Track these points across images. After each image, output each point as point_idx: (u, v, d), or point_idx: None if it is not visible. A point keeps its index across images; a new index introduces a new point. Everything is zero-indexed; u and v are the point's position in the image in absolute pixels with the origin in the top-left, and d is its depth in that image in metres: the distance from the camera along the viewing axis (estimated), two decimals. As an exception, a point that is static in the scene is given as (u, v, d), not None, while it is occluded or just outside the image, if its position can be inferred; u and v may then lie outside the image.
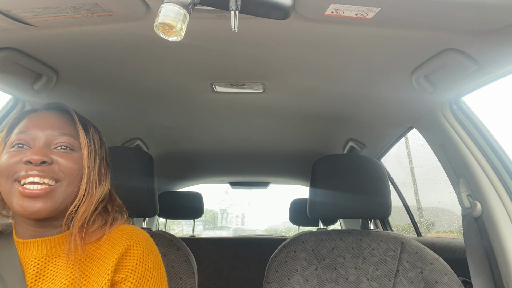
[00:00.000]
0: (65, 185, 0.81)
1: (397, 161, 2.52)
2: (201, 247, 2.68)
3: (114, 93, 1.38)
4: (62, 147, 0.83)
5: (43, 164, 0.78)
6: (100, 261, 0.83)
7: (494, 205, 1.22)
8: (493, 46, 0.93)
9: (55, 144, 0.83)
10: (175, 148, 2.22)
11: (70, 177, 0.81)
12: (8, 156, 0.80)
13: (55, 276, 0.80)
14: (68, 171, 0.81)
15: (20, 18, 0.84)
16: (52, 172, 0.79)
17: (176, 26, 0.65)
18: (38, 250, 0.82)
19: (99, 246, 0.85)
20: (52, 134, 0.83)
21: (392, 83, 1.26)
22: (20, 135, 0.82)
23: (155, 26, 0.66)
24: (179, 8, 0.65)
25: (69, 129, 0.86)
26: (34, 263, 0.81)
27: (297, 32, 0.94)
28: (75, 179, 0.83)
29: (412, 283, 1.25)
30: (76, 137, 0.86)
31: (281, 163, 2.60)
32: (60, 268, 0.81)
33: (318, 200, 1.39)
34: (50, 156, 0.80)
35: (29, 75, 1.14)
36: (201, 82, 1.30)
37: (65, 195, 0.81)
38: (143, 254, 0.85)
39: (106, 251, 0.84)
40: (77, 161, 0.84)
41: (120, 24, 0.90)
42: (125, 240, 0.85)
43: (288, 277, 1.24)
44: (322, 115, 1.66)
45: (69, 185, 0.81)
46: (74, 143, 0.85)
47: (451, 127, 1.32)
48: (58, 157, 0.81)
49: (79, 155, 0.85)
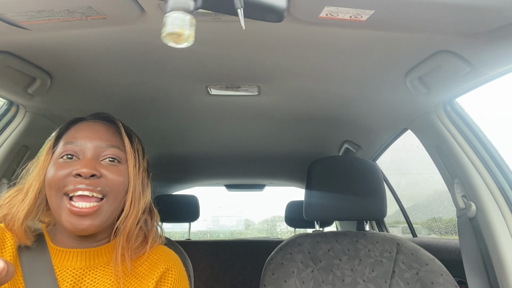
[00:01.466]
0: (112, 200, 0.80)
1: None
2: (197, 250, 2.67)
3: (108, 96, 1.37)
4: (110, 159, 0.82)
5: (92, 177, 0.77)
6: (138, 280, 0.83)
7: (488, 206, 1.23)
8: (486, 47, 0.93)
9: (103, 156, 0.82)
10: (170, 151, 2.22)
11: (116, 191, 0.81)
12: (56, 168, 0.79)
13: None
14: (114, 185, 0.80)
15: (14, 22, 0.84)
16: (100, 185, 0.78)
17: (184, 33, 0.64)
18: (78, 261, 0.81)
19: (138, 264, 0.85)
20: (101, 145, 0.82)
21: (386, 85, 1.26)
22: (68, 146, 0.81)
23: (162, 38, 0.65)
24: (184, 15, 0.65)
25: (116, 141, 0.85)
26: (72, 273, 0.79)
27: (292, 35, 0.95)
28: (121, 192, 0.82)
29: (408, 284, 1.26)
30: (122, 149, 0.85)
31: (276, 165, 2.60)
32: (98, 281, 0.80)
33: (314, 202, 1.39)
34: (99, 170, 0.79)
35: (23, 78, 1.13)
36: (196, 85, 1.30)
37: (111, 210, 0.80)
38: (177, 279, 0.87)
39: (144, 271, 0.84)
40: (123, 174, 0.83)
41: (115, 28, 0.90)
42: (163, 263, 0.86)
43: (285, 279, 1.24)
44: (317, 117, 1.66)
45: (115, 199, 0.81)
46: (120, 155, 0.84)
47: (445, 129, 1.33)
48: (106, 171, 0.80)
49: (125, 167, 0.84)
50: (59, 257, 0.81)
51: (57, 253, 0.81)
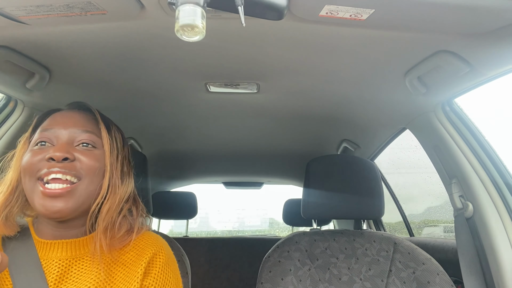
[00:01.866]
0: (87, 183, 0.80)
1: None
2: (195, 247, 2.68)
3: (107, 92, 1.37)
4: (84, 144, 0.83)
5: (65, 160, 0.78)
6: (126, 267, 0.83)
7: (485, 206, 1.23)
8: (486, 48, 0.94)
9: (77, 141, 0.83)
10: (169, 148, 2.22)
11: (91, 175, 0.81)
12: (31, 155, 0.79)
13: (79, 279, 0.79)
14: (89, 169, 0.80)
15: (13, 16, 0.83)
16: (74, 169, 0.79)
17: (198, 25, 0.64)
18: (63, 251, 0.81)
19: (125, 252, 0.85)
20: (75, 131, 0.83)
21: (385, 84, 1.26)
22: (43, 133, 0.82)
23: (176, 31, 0.66)
24: (196, 7, 0.65)
25: (91, 127, 0.86)
26: (58, 264, 0.80)
27: (292, 33, 0.95)
28: (97, 177, 0.82)
29: (404, 283, 1.26)
30: (98, 135, 0.86)
31: (275, 163, 2.61)
32: (85, 270, 0.80)
33: (311, 201, 1.40)
34: (73, 153, 0.80)
35: (21, 73, 1.13)
36: (195, 82, 1.30)
37: (86, 193, 0.80)
38: (165, 263, 0.87)
39: (133, 258, 0.84)
40: (99, 159, 0.83)
41: (114, 23, 0.90)
42: (150, 248, 0.86)
43: (282, 277, 1.24)
44: (316, 116, 1.66)
45: (91, 183, 0.81)
46: (96, 140, 0.85)
47: (443, 129, 1.33)
48: (80, 155, 0.81)
49: (101, 152, 0.85)
50: (44, 249, 0.81)
51: (42, 245, 0.81)
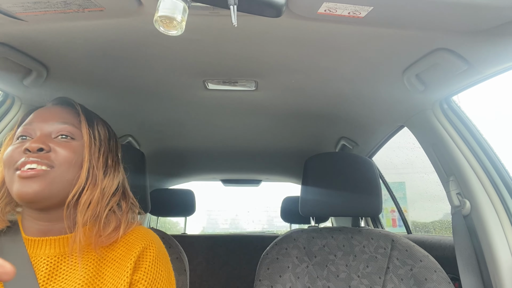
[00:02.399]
0: (62, 171, 0.80)
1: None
2: (193, 244, 2.68)
3: (105, 89, 1.37)
4: (62, 136, 0.84)
5: (41, 151, 0.79)
6: (116, 263, 0.83)
7: (483, 203, 1.24)
8: (484, 46, 0.94)
9: (56, 133, 0.84)
10: (167, 145, 2.21)
11: (67, 164, 0.81)
12: (11, 148, 0.81)
13: (69, 276, 0.79)
14: (64, 159, 0.81)
15: (10, 13, 0.83)
16: (49, 159, 0.79)
17: (176, 18, 0.65)
18: (51, 248, 0.81)
19: (114, 247, 0.85)
20: (53, 124, 0.84)
21: (384, 82, 1.26)
22: (24, 127, 0.84)
23: (155, 21, 0.66)
24: (178, 1, 0.65)
25: (71, 119, 0.87)
26: (47, 262, 0.80)
27: (290, 30, 0.94)
28: (74, 167, 0.82)
29: (402, 280, 1.27)
30: (78, 126, 0.87)
31: (273, 161, 2.61)
32: (74, 267, 0.80)
33: (309, 198, 1.40)
34: (48, 144, 0.80)
35: (18, 70, 1.13)
36: (194, 79, 1.29)
37: (62, 181, 0.80)
38: (155, 257, 0.86)
39: (122, 253, 0.84)
40: (76, 150, 0.84)
41: (112, 20, 0.89)
42: (140, 242, 0.86)
43: (280, 274, 1.24)
44: (314, 113, 1.66)
45: (66, 172, 0.81)
46: (75, 131, 0.85)
47: (441, 126, 1.33)
48: (57, 146, 0.81)
49: (81, 143, 0.85)
50: (32, 246, 0.81)
51: (30, 242, 0.82)
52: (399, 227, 3.53)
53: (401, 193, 3.58)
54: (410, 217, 3.37)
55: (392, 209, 4.03)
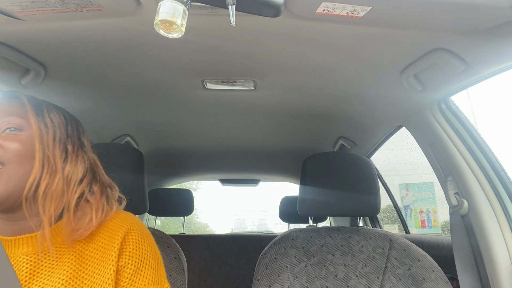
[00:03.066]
0: (14, 167, 0.77)
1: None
2: (191, 244, 2.68)
3: (103, 89, 1.37)
4: (10, 129, 0.80)
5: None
6: (100, 252, 0.81)
7: (480, 203, 1.24)
8: (482, 46, 0.94)
9: (3, 128, 0.80)
10: (165, 145, 2.21)
11: (18, 158, 0.78)
12: None
13: (51, 272, 0.77)
14: (13, 152, 0.78)
15: (7, 12, 0.83)
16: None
17: (176, 22, 0.64)
18: (29, 246, 0.79)
19: (95, 237, 0.82)
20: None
21: (382, 82, 1.27)
22: None
23: (155, 24, 0.66)
24: (178, 4, 0.65)
25: (16, 111, 0.83)
26: (27, 260, 0.78)
27: (289, 30, 0.94)
28: (25, 159, 0.79)
29: (400, 279, 1.27)
30: (24, 117, 0.83)
31: (271, 161, 2.61)
32: (56, 263, 0.78)
33: (308, 198, 1.40)
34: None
35: (16, 70, 1.12)
36: (192, 79, 1.29)
37: (16, 177, 0.77)
38: (139, 239, 0.84)
39: (105, 241, 0.82)
40: (24, 141, 0.80)
41: (110, 19, 0.89)
42: (121, 227, 0.84)
43: (278, 274, 1.24)
44: (312, 113, 1.66)
45: (19, 166, 0.78)
46: (22, 122, 0.82)
47: (439, 126, 1.34)
48: (3, 140, 0.78)
49: (29, 134, 0.81)
50: (8, 246, 0.79)
51: (5, 243, 0.79)
52: (428, 228, 3.50)
53: (430, 193, 3.56)
54: (440, 218, 3.36)
55: (421, 210, 4.01)
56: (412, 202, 4.62)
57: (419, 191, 4.30)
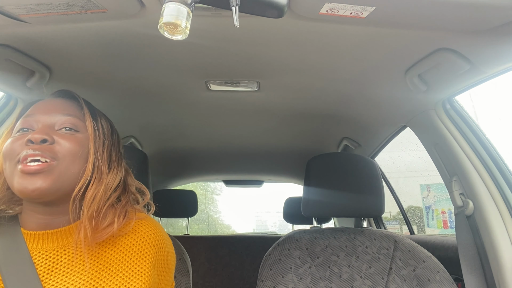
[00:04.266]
0: (66, 164, 0.78)
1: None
2: (195, 245, 2.68)
3: (107, 91, 1.37)
4: (66, 128, 0.81)
5: (44, 143, 0.76)
6: (125, 256, 0.81)
7: (486, 204, 1.23)
8: (486, 45, 0.93)
9: (59, 125, 0.81)
10: (170, 146, 2.22)
11: (72, 157, 0.79)
12: (11, 141, 0.78)
13: (70, 269, 0.77)
14: (69, 151, 0.78)
15: (13, 15, 0.83)
16: (53, 151, 0.77)
17: (181, 24, 0.65)
18: (49, 242, 0.79)
19: (118, 239, 0.83)
20: (56, 115, 0.82)
21: (386, 82, 1.26)
22: (24, 119, 0.82)
23: (159, 27, 0.66)
24: (182, 7, 0.65)
25: (74, 111, 0.85)
26: (46, 256, 0.78)
27: (292, 31, 0.94)
28: (79, 160, 0.80)
29: (405, 280, 1.26)
30: (82, 119, 0.85)
31: (275, 162, 2.61)
32: (76, 260, 0.78)
33: (312, 199, 1.40)
34: (52, 136, 0.78)
35: (21, 72, 1.13)
36: (196, 80, 1.30)
37: (67, 175, 0.78)
38: (166, 245, 0.88)
39: (132, 245, 0.82)
40: (81, 142, 0.81)
41: (114, 22, 0.90)
42: (151, 234, 0.86)
43: (282, 275, 1.24)
44: (316, 114, 1.66)
45: (71, 165, 0.78)
46: (79, 124, 0.83)
47: (444, 126, 1.33)
48: (61, 138, 0.79)
49: (85, 136, 0.83)
50: (29, 241, 0.79)
51: (27, 237, 0.80)
52: (450, 228, 3.46)
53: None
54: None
55: (443, 210, 3.97)
56: (434, 202, 4.58)
57: (441, 191, 4.26)
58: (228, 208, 11.71)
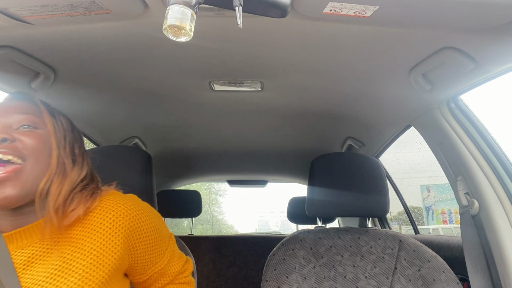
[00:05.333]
0: (32, 164, 0.78)
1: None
2: (199, 245, 2.69)
3: (112, 91, 1.38)
4: (24, 126, 0.81)
5: (5, 142, 0.76)
6: (94, 231, 0.81)
7: (491, 203, 1.22)
8: (491, 44, 0.93)
9: (17, 123, 0.81)
10: (173, 147, 2.22)
11: (36, 155, 0.78)
12: None
13: (44, 260, 0.78)
14: (32, 148, 0.78)
15: (17, 16, 0.84)
16: (15, 149, 0.76)
17: (185, 27, 0.65)
18: (23, 239, 0.80)
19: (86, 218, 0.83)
20: (12, 115, 0.81)
21: (390, 82, 1.26)
22: None
23: (164, 29, 0.66)
24: (186, 9, 0.65)
25: (30, 110, 0.84)
26: (21, 252, 0.79)
27: (295, 31, 0.94)
28: (42, 156, 0.80)
29: (410, 280, 1.26)
30: (39, 116, 0.84)
31: (279, 161, 2.61)
32: (50, 251, 0.79)
33: (316, 199, 1.40)
34: (12, 134, 0.78)
35: (26, 73, 1.14)
36: (199, 81, 1.30)
37: (33, 175, 0.78)
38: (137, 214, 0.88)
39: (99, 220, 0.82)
40: (42, 138, 0.81)
41: (118, 23, 0.90)
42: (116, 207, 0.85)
43: (286, 275, 1.24)
44: (320, 114, 1.66)
45: (36, 163, 0.78)
46: (37, 121, 0.83)
47: (449, 126, 1.32)
48: (21, 135, 0.79)
49: (45, 132, 0.83)
50: (8, 241, 0.80)
51: (6, 239, 0.80)
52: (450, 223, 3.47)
53: (452, 194, 3.51)
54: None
55: (443, 210, 3.96)
56: (434, 203, 4.58)
57: (441, 192, 4.26)
58: (232, 209, 11.81)
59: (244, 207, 12.84)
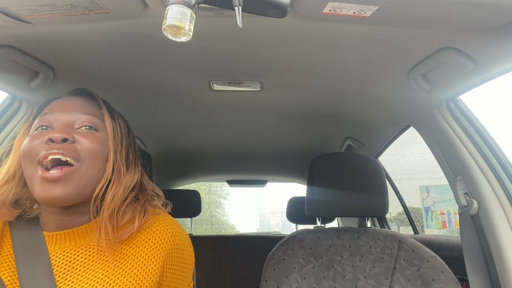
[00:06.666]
0: (86, 166, 0.76)
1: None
2: (199, 245, 2.69)
3: (111, 91, 1.38)
4: (86, 127, 0.80)
5: (65, 142, 0.75)
6: (142, 252, 0.79)
7: (490, 203, 1.23)
8: (490, 44, 0.93)
9: (79, 123, 0.80)
10: (173, 146, 2.22)
11: (92, 158, 0.77)
12: (30, 139, 0.77)
13: (86, 268, 0.76)
14: (90, 151, 0.77)
15: (17, 16, 0.84)
16: (74, 150, 0.75)
17: (184, 27, 0.65)
18: (67, 242, 0.78)
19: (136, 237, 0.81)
20: (76, 114, 0.80)
21: (389, 82, 1.26)
22: (43, 117, 0.80)
23: (163, 29, 0.66)
24: (185, 9, 0.65)
25: (93, 110, 0.84)
26: (63, 255, 0.77)
27: (295, 30, 0.94)
28: (99, 160, 0.79)
29: (409, 280, 1.26)
30: (100, 118, 0.83)
31: (279, 161, 2.61)
32: (92, 259, 0.77)
33: (315, 198, 1.40)
34: (73, 135, 0.77)
35: (26, 72, 1.14)
36: (199, 80, 1.30)
37: (87, 177, 0.76)
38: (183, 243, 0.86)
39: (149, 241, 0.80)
40: (101, 142, 0.80)
41: (117, 22, 0.90)
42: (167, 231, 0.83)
43: (286, 275, 1.24)
44: (319, 113, 1.66)
45: (91, 166, 0.77)
46: (98, 123, 0.82)
47: (448, 126, 1.33)
48: (81, 137, 0.78)
49: (104, 135, 0.82)
50: (48, 242, 0.79)
51: (48, 239, 0.79)
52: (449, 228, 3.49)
53: (451, 195, 3.52)
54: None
55: (442, 211, 3.96)
56: (433, 204, 4.57)
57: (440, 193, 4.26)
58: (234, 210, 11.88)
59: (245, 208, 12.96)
